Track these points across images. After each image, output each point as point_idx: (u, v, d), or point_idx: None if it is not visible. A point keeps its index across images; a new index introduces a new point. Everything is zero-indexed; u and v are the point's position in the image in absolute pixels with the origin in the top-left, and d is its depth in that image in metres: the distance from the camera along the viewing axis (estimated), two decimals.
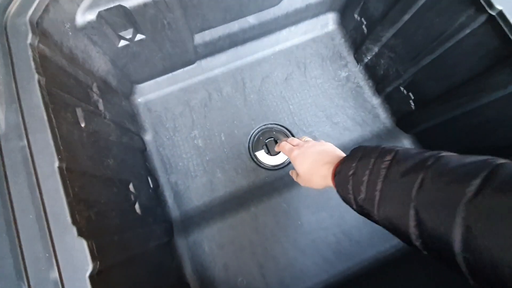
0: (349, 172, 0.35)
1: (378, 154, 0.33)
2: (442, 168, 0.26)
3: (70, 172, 0.45)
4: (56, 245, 0.40)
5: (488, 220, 0.21)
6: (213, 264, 0.76)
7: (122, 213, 0.56)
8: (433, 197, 0.25)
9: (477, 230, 0.21)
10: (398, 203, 0.28)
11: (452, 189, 0.24)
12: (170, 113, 0.88)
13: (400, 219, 0.28)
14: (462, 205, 0.22)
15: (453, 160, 0.26)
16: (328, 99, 0.90)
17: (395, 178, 0.29)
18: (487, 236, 0.20)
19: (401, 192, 0.28)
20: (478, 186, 0.22)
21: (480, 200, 0.21)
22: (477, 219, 0.21)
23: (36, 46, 0.49)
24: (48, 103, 0.46)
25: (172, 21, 0.67)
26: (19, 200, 0.41)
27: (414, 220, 0.26)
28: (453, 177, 0.24)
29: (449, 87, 0.68)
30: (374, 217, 0.32)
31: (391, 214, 0.29)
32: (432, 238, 0.25)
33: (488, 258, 0.20)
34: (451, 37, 0.62)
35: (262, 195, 0.82)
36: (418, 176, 0.27)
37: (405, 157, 0.30)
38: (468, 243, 0.21)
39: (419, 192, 0.26)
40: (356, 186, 0.34)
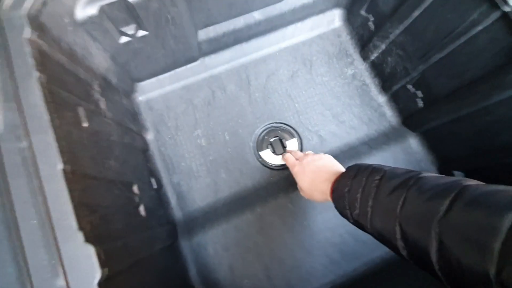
0: (345, 189, 0.39)
1: (369, 174, 0.37)
2: (421, 188, 0.30)
3: (72, 175, 0.43)
4: (61, 252, 0.38)
5: (456, 234, 0.24)
6: (218, 266, 0.74)
7: (126, 217, 0.54)
8: (413, 213, 0.29)
9: (448, 243, 0.25)
10: (386, 219, 0.32)
11: (428, 207, 0.28)
12: (172, 112, 0.85)
13: (388, 232, 0.32)
14: (435, 221, 0.26)
15: (430, 180, 0.30)
16: (334, 97, 0.88)
17: (384, 196, 0.33)
18: (456, 248, 0.24)
19: (388, 208, 0.32)
20: (447, 205, 0.26)
21: (450, 217, 0.25)
22: (448, 233, 0.25)
23: (34, 41, 0.47)
24: (50, 102, 0.44)
25: (176, 16, 0.65)
26: (21, 205, 0.39)
27: (399, 234, 0.30)
28: (429, 196, 0.28)
29: (459, 85, 0.67)
30: (367, 230, 0.37)
31: (381, 228, 0.33)
32: (415, 249, 0.29)
33: (458, 266, 0.24)
34: (463, 34, 0.61)
35: (268, 196, 0.80)
36: (402, 195, 0.31)
37: (391, 176, 0.34)
38: (442, 254, 0.25)
39: (402, 209, 0.30)
40: (351, 203, 0.38)
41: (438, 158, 0.83)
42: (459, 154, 0.75)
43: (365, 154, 0.83)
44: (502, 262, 0.21)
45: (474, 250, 0.23)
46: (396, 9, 0.73)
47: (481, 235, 0.23)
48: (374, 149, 0.84)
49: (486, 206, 0.24)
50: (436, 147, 0.82)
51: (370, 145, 0.85)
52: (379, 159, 0.83)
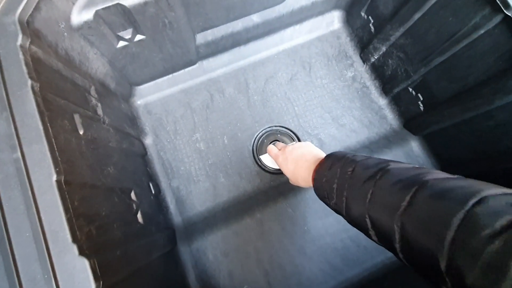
0: (323, 180, 0.41)
1: (343, 165, 0.39)
2: (386, 182, 0.32)
3: (68, 185, 0.42)
4: (55, 265, 0.37)
5: (414, 227, 0.27)
6: (218, 272, 0.74)
7: (124, 225, 0.53)
8: (379, 206, 0.32)
9: (408, 235, 0.27)
10: (358, 209, 0.34)
11: (391, 201, 0.30)
12: (171, 116, 0.85)
13: (361, 222, 0.34)
14: (397, 215, 0.28)
15: (395, 174, 0.32)
16: (334, 100, 0.87)
17: (355, 188, 0.35)
18: (414, 239, 0.27)
19: (359, 200, 0.34)
20: (408, 200, 0.28)
21: (410, 211, 0.28)
22: (407, 226, 0.28)
23: (28, 48, 0.46)
24: (44, 111, 0.43)
25: (173, 20, 0.64)
26: (14, 217, 0.38)
27: (370, 223, 0.33)
28: (393, 191, 0.30)
29: (461, 89, 0.66)
30: (345, 218, 0.39)
31: (355, 217, 0.36)
32: (383, 238, 0.32)
33: (415, 256, 0.27)
34: (465, 37, 0.60)
35: (267, 200, 0.79)
36: (370, 188, 0.33)
37: (363, 168, 0.36)
38: (404, 244, 0.28)
39: (371, 201, 0.33)
40: (329, 192, 0.40)
41: (439, 162, 0.82)
42: (461, 158, 0.74)
43: None
44: (451, 254, 0.23)
45: (428, 243, 0.25)
46: (397, 11, 0.72)
47: (435, 228, 0.25)
48: (375, 152, 0.83)
49: (441, 201, 0.26)
50: (438, 151, 0.81)
51: (371, 149, 0.84)
52: None
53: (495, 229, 0.21)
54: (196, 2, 0.63)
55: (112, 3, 0.55)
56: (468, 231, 0.23)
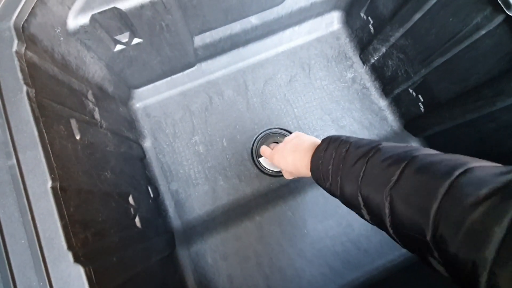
0: (319, 162, 0.42)
1: (338, 146, 0.40)
2: (378, 159, 0.33)
3: (64, 192, 0.42)
4: (51, 273, 0.37)
5: (403, 200, 0.27)
6: (217, 276, 0.73)
7: (121, 230, 0.53)
8: (370, 182, 0.32)
9: (397, 208, 0.28)
10: (351, 188, 0.35)
11: (382, 177, 0.30)
12: (169, 119, 0.84)
13: (354, 200, 0.35)
14: (387, 189, 0.29)
15: (387, 151, 0.33)
16: (333, 102, 0.87)
17: (349, 166, 0.36)
18: (403, 212, 0.27)
19: (352, 178, 0.35)
20: (398, 175, 0.29)
21: (399, 185, 0.28)
22: (396, 200, 0.28)
23: (23, 53, 0.45)
24: (39, 117, 0.43)
25: (170, 23, 0.63)
26: (9, 224, 0.38)
27: (362, 201, 0.33)
28: (384, 166, 0.31)
29: (463, 90, 0.65)
30: (339, 199, 0.39)
31: (348, 196, 0.36)
32: (374, 214, 0.32)
33: (403, 229, 0.27)
34: (466, 38, 0.59)
35: (267, 203, 0.79)
36: (363, 165, 0.34)
37: (356, 147, 0.37)
38: (393, 218, 0.29)
39: (363, 178, 0.33)
40: (325, 174, 0.40)
41: None
42: None
43: None
44: (437, 223, 0.23)
45: (415, 214, 0.26)
46: (396, 11, 0.71)
47: (421, 200, 0.25)
48: None
49: (428, 174, 0.26)
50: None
51: None
52: None
53: (478, 197, 0.21)
54: (193, 4, 0.63)
55: (108, 7, 0.54)
56: (452, 200, 0.23)
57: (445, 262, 0.23)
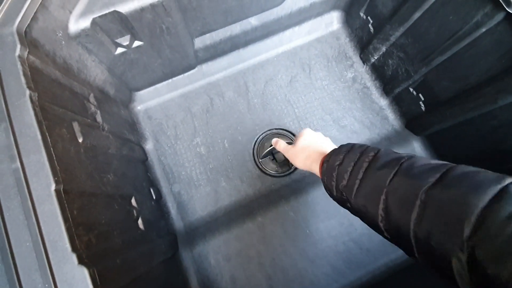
0: (336, 163, 0.41)
1: (364, 150, 0.39)
2: (413, 165, 0.32)
3: (67, 194, 0.42)
4: (55, 275, 0.37)
5: (438, 207, 0.26)
6: (220, 277, 0.73)
7: (124, 232, 0.54)
8: (401, 184, 0.31)
9: (430, 210, 0.27)
10: (372, 190, 0.34)
11: (416, 180, 0.29)
12: (171, 121, 0.85)
13: (371, 203, 0.33)
14: (422, 192, 0.28)
15: (421, 160, 0.32)
16: (334, 102, 0.87)
17: (375, 169, 0.35)
18: (435, 215, 0.26)
19: (377, 181, 0.34)
20: (435, 180, 0.28)
21: (435, 190, 0.27)
22: (430, 203, 0.27)
23: (26, 58, 0.46)
24: (42, 120, 0.43)
25: (171, 26, 0.64)
26: (14, 227, 0.39)
27: (383, 204, 0.32)
28: (418, 172, 0.30)
29: (464, 88, 0.65)
30: (350, 202, 0.38)
31: (365, 199, 0.35)
32: (395, 218, 0.30)
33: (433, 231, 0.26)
34: (466, 36, 0.59)
35: (269, 204, 0.79)
36: (393, 169, 0.33)
37: (385, 154, 0.36)
38: (420, 220, 0.27)
39: (392, 181, 0.32)
40: (340, 175, 0.39)
41: None
42: (464, 158, 0.73)
43: None
44: (479, 224, 0.23)
45: (453, 215, 0.25)
46: (396, 10, 0.71)
47: (462, 204, 0.24)
48: None
49: (472, 182, 0.26)
50: (440, 151, 0.80)
51: None
52: None
53: None
54: (193, 6, 0.63)
55: (109, 11, 0.55)
56: (499, 205, 0.22)
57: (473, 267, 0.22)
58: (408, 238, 0.28)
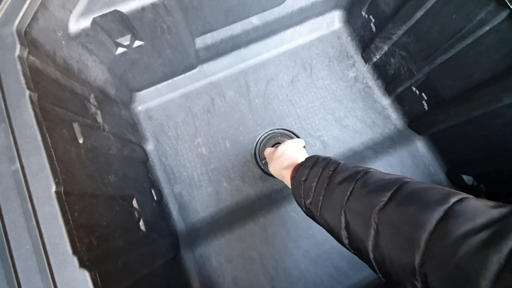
0: (302, 179, 0.41)
1: (325, 165, 0.39)
2: (366, 182, 0.32)
3: (68, 196, 0.41)
4: (56, 278, 0.37)
5: (391, 225, 0.26)
6: (222, 279, 0.73)
7: (126, 233, 0.53)
8: (356, 204, 0.31)
9: (383, 233, 0.27)
10: (333, 208, 0.34)
11: (369, 200, 0.29)
12: (172, 121, 0.84)
13: (334, 221, 0.33)
14: (375, 213, 0.28)
15: (376, 176, 0.32)
16: (336, 101, 0.86)
17: (333, 186, 0.35)
18: (389, 237, 0.26)
19: (336, 198, 0.34)
20: (387, 199, 0.28)
21: (387, 210, 0.27)
22: (383, 224, 0.27)
23: (26, 58, 0.45)
24: (42, 121, 0.42)
25: (172, 25, 0.63)
26: (14, 230, 0.38)
27: (344, 222, 0.32)
28: (372, 189, 0.30)
29: (467, 87, 0.64)
30: (317, 219, 0.38)
31: (328, 216, 0.35)
32: (355, 238, 0.30)
33: (388, 255, 0.26)
34: (470, 34, 0.58)
35: (271, 204, 0.78)
36: (349, 186, 0.33)
37: (343, 169, 0.36)
38: (377, 243, 0.27)
39: (349, 199, 0.32)
40: (306, 192, 0.39)
41: (446, 162, 0.80)
42: (468, 158, 0.72)
43: (370, 159, 0.81)
44: (428, 250, 0.23)
45: (404, 239, 0.25)
46: (398, 9, 0.71)
47: (413, 224, 0.24)
48: (379, 153, 0.82)
49: (421, 199, 0.26)
50: (444, 151, 0.80)
51: (375, 150, 0.82)
52: (385, 164, 0.81)
53: (474, 226, 0.21)
54: (194, 6, 0.63)
55: (110, 10, 0.54)
56: (446, 228, 0.22)
57: None
58: (369, 260, 0.29)
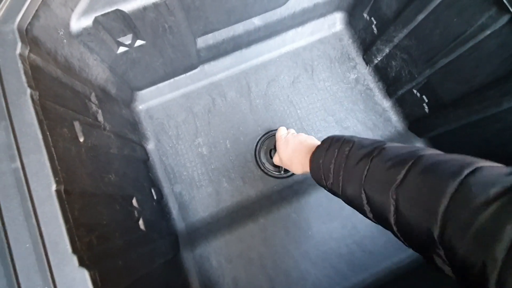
0: (320, 161, 0.42)
1: (341, 145, 0.39)
2: (383, 158, 0.32)
3: (68, 195, 0.41)
4: (55, 277, 0.37)
5: (409, 199, 0.27)
6: (222, 279, 0.73)
7: (125, 233, 0.53)
8: (375, 181, 0.32)
9: (403, 207, 0.28)
10: (354, 186, 0.35)
11: (387, 176, 0.30)
12: (172, 120, 0.84)
13: (356, 198, 0.35)
14: (393, 188, 0.29)
15: (391, 151, 0.33)
16: (337, 103, 0.86)
17: (351, 165, 0.36)
18: (409, 210, 0.27)
19: (355, 177, 0.35)
20: (404, 174, 0.28)
21: (405, 184, 0.28)
22: (402, 198, 0.28)
23: (27, 56, 0.45)
24: (43, 120, 0.42)
25: (173, 25, 0.63)
26: (14, 228, 0.38)
27: (365, 199, 0.33)
28: (389, 166, 0.31)
29: (468, 91, 0.64)
30: (341, 197, 0.39)
31: (350, 195, 0.36)
32: (378, 212, 0.32)
33: (409, 227, 0.27)
34: (471, 38, 0.58)
35: (271, 205, 0.78)
36: (366, 164, 0.34)
37: (359, 147, 0.37)
38: (398, 216, 0.29)
39: (367, 177, 0.33)
40: (326, 173, 0.40)
41: None
42: None
43: None
44: (445, 223, 0.23)
45: (422, 213, 0.25)
46: (400, 12, 0.71)
47: (428, 200, 0.25)
48: None
49: (435, 174, 0.26)
50: None
51: None
52: None
53: (488, 197, 0.21)
54: (196, 6, 0.63)
55: (111, 9, 0.54)
56: (461, 200, 0.23)
57: (452, 262, 0.23)
58: (394, 232, 0.30)
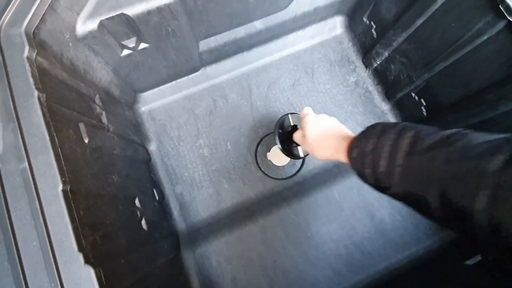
0: (367, 148, 0.37)
1: (399, 131, 0.35)
2: (466, 144, 0.28)
3: (74, 195, 0.42)
4: (62, 274, 0.38)
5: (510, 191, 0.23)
6: (221, 279, 0.74)
7: (128, 232, 0.54)
8: (459, 170, 0.27)
9: (501, 199, 0.23)
10: (420, 178, 0.30)
11: (475, 164, 0.26)
12: (174, 122, 0.85)
13: (422, 190, 0.30)
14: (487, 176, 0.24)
15: (475, 137, 0.28)
16: (337, 105, 0.87)
17: (419, 154, 0.31)
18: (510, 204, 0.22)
19: (426, 165, 0.30)
20: (502, 163, 0.24)
21: (506, 174, 0.23)
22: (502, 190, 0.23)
23: (34, 59, 0.46)
24: (50, 121, 0.43)
25: (176, 28, 0.64)
26: (21, 227, 0.39)
27: (437, 191, 0.28)
28: (476, 154, 0.26)
29: (465, 95, 0.65)
30: (391, 190, 0.35)
31: (413, 186, 0.31)
32: (454, 207, 0.27)
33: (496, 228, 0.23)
34: (469, 43, 0.60)
35: (271, 206, 0.79)
36: (442, 151, 0.29)
37: (427, 134, 0.33)
38: (492, 210, 0.23)
39: (446, 166, 0.28)
40: (375, 161, 0.36)
41: None
42: None
43: None
44: None
45: None
46: (399, 16, 0.72)
47: None
48: None
49: None
50: None
51: None
52: None
53: None
54: (199, 10, 0.64)
55: (116, 13, 0.56)
56: None
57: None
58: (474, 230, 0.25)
